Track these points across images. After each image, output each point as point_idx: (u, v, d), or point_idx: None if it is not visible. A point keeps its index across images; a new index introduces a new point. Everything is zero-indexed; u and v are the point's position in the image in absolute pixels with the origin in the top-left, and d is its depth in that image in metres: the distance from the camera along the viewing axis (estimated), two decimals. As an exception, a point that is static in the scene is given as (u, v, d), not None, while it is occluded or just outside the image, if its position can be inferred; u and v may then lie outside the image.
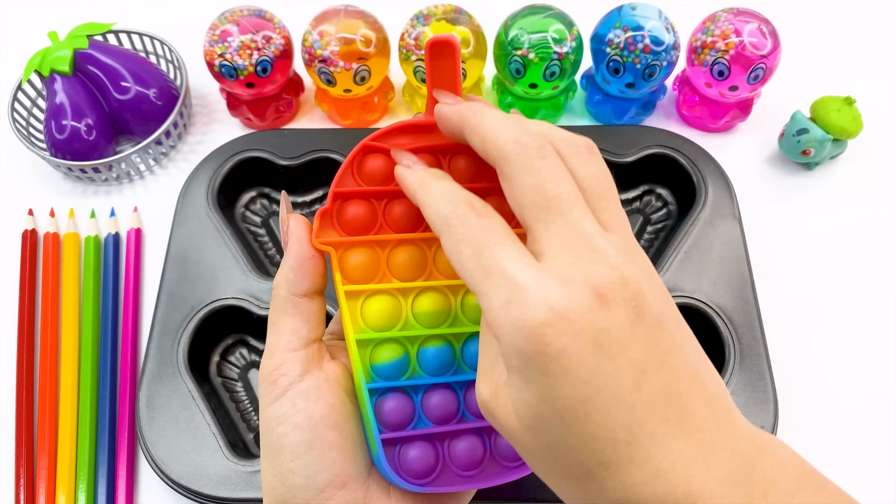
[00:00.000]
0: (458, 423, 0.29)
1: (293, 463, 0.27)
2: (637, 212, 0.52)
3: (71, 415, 0.45)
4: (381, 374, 0.29)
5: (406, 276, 0.29)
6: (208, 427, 0.41)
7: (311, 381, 0.28)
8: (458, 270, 0.23)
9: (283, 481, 0.28)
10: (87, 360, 0.46)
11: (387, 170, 0.29)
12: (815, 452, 0.43)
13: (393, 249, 0.29)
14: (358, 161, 0.29)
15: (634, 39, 0.49)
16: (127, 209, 0.53)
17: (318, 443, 0.27)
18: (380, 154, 0.29)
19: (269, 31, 0.51)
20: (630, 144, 0.50)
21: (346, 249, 0.29)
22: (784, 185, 0.53)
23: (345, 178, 0.29)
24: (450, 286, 0.29)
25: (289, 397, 0.28)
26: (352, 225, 0.29)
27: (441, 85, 0.28)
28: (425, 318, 0.29)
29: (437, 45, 0.28)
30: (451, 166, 0.30)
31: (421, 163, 0.28)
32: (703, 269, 0.45)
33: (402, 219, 0.30)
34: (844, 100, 0.50)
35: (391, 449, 0.29)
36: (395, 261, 0.29)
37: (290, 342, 0.28)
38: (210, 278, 0.46)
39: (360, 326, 0.29)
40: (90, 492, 0.43)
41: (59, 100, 0.52)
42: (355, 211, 0.29)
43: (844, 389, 0.45)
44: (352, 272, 0.29)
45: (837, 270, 0.49)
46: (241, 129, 0.57)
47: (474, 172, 0.30)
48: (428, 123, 0.29)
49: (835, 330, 0.47)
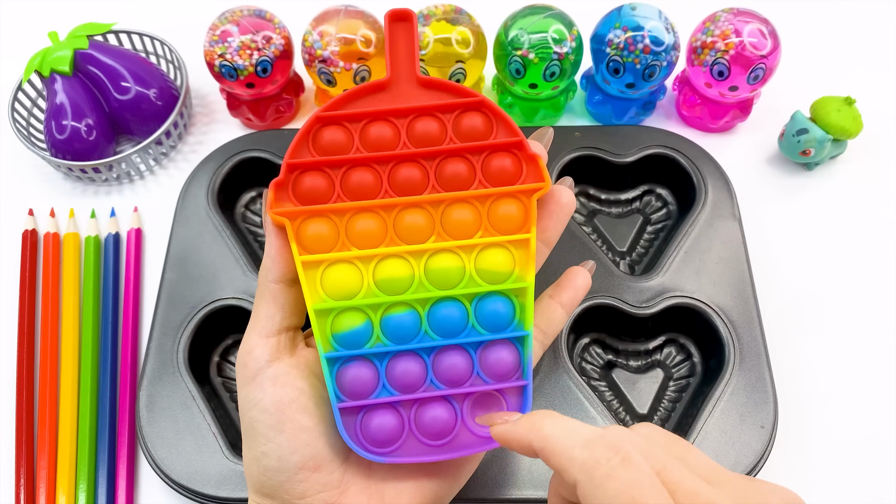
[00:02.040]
0: (426, 391, 0.29)
1: (265, 446, 0.28)
2: (637, 212, 0.52)
3: (71, 415, 0.45)
4: (342, 343, 0.29)
5: (365, 245, 0.29)
6: (208, 427, 0.41)
7: (280, 366, 0.29)
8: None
9: (258, 464, 0.28)
10: (87, 360, 0.46)
11: (344, 139, 0.29)
12: (815, 452, 0.43)
13: (351, 218, 0.29)
14: (313, 133, 0.29)
15: (634, 39, 0.49)
16: (127, 209, 0.53)
17: (287, 426, 0.28)
18: (335, 125, 0.29)
19: (269, 32, 0.51)
20: (630, 144, 0.50)
21: (304, 220, 0.29)
22: (784, 185, 0.53)
23: (299, 149, 0.29)
24: (411, 251, 0.29)
25: (258, 381, 0.28)
26: (307, 195, 0.29)
27: (398, 56, 0.29)
28: (387, 285, 0.29)
29: (394, 14, 0.29)
30: (409, 131, 0.30)
31: (515, 414, 0.27)
32: (703, 269, 0.45)
33: (359, 187, 0.29)
34: (844, 100, 0.50)
35: (352, 417, 0.29)
36: (354, 229, 0.29)
37: (263, 327, 0.29)
38: (210, 278, 0.46)
39: (320, 296, 0.29)
40: (90, 492, 0.43)
41: (59, 100, 0.52)
42: (311, 181, 0.29)
43: (844, 389, 0.45)
44: (309, 242, 0.29)
45: (837, 270, 0.49)
46: (241, 129, 0.57)
47: (434, 136, 0.30)
48: (379, 83, 0.29)
49: (835, 330, 0.47)
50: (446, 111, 0.30)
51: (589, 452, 0.22)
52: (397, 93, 0.30)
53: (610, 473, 0.22)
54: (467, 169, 0.30)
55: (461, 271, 0.29)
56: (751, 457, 0.39)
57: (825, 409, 0.44)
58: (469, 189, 0.30)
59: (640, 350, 0.47)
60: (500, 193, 0.30)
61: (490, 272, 0.30)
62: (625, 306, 0.44)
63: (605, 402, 0.44)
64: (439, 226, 0.30)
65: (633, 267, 0.49)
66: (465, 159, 0.30)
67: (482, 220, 0.30)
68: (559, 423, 0.24)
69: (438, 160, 0.30)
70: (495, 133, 0.30)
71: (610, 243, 0.50)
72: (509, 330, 0.30)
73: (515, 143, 0.30)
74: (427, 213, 0.30)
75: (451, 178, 0.30)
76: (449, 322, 0.29)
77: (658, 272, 0.45)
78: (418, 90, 0.30)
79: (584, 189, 0.52)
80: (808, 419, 0.44)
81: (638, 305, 0.44)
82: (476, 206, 0.30)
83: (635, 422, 0.44)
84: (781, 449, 0.42)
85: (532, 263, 0.30)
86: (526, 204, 0.30)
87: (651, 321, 0.45)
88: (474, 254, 0.30)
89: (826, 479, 0.42)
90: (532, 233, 0.30)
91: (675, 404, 0.44)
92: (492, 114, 0.30)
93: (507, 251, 0.30)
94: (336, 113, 0.29)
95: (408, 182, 0.30)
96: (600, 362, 0.46)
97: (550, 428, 0.24)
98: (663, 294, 0.44)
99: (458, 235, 0.30)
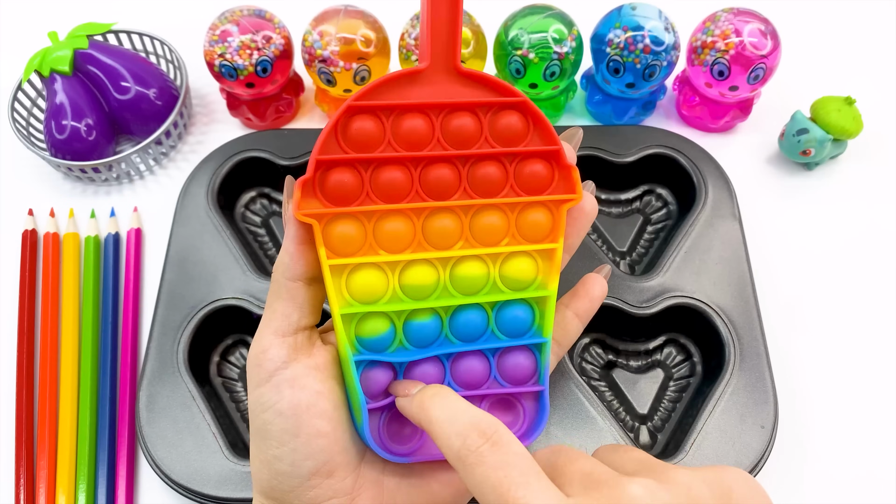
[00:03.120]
0: None
1: (278, 450, 0.27)
2: (637, 212, 0.52)
3: (71, 415, 0.45)
4: (366, 347, 0.28)
5: (393, 248, 0.28)
6: (208, 427, 0.41)
7: (298, 368, 0.28)
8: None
9: (268, 467, 0.27)
10: (87, 360, 0.46)
11: (375, 132, 0.27)
12: (816, 453, 0.43)
13: (379, 220, 0.28)
14: (342, 124, 0.27)
15: (634, 39, 0.49)
16: (127, 209, 0.53)
17: (303, 430, 0.27)
18: (367, 115, 0.27)
19: (269, 31, 0.51)
20: (630, 144, 0.50)
21: (330, 221, 0.27)
22: (784, 185, 0.53)
23: (328, 143, 0.27)
24: (439, 258, 0.28)
25: (274, 383, 0.27)
26: (336, 194, 0.27)
27: (440, 40, 0.27)
28: (413, 291, 0.28)
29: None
30: (443, 127, 0.28)
31: (418, 384, 0.27)
32: (703, 269, 0.45)
33: (390, 187, 0.28)
34: (844, 100, 0.50)
35: (374, 419, 0.29)
36: (382, 232, 0.28)
37: (279, 326, 0.28)
38: (210, 278, 0.46)
39: (346, 300, 0.28)
40: (90, 492, 0.43)
41: (59, 100, 0.52)
42: (340, 179, 0.27)
43: (844, 389, 0.45)
44: (336, 244, 0.27)
45: (837, 270, 0.49)
46: (241, 129, 0.57)
47: (469, 134, 0.28)
48: (415, 72, 0.27)
49: (835, 330, 0.47)
50: (484, 108, 0.28)
51: (462, 440, 0.22)
52: (434, 83, 0.28)
53: (479, 458, 0.22)
54: (500, 173, 0.29)
55: (486, 278, 0.29)
56: (751, 457, 0.39)
57: (825, 409, 0.44)
58: (500, 194, 0.29)
59: (641, 350, 0.47)
60: (530, 202, 0.29)
61: (514, 279, 0.29)
62: (625, 306, 0.44)
63: (606, 403, 0.44)
64: (468, 231, 0.29)
65: (634, 267, 0.49)
66: (499, 163, 0.29)
67: (510, 227, 0.29)
68: (445, 405, 0.24)
69: (472, 162, 0.29)
70: (531, 136, 0.29)
71: (610, 243, 0.50)
72: (528, 336, 0.30)
73: (553, 152, 0.29)
74: (457, 217, 0.29)
75: (483, 182, 0.29)
76: (470, 328, 0.29)
77: (658, 272, 0.45)
78: (456, 82, 0.28)
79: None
80: (808, 419, 0.44)
81: (638, 305, 0.44)
82: (506, 212, 0.29)
83: (636, 422, 0.44)
84: (781, 449, 0.42)
85: (556, 273, 0.29)
86: (555, 213, 0.29)
87: (651, 321, 0.45)
88: (500, 261, 0.29)
89: (826, 479, 0.42)
90: (559, 243, 0.29)
91: (676, 404, 0.44)
92: (531, 116, 0.29)
93: (532, 259, 0.29)
94: (368, 103, 0.27)
95: (439, 183, 0.28)
96: (600, 362, 0.46)
97: (436, 411, 0.24)
98: (663, 294, 0.44)
99: (486, 242, 0.29)
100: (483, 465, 0.22)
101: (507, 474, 0.21)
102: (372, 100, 0.27)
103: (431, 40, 0.27)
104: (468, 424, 0.23)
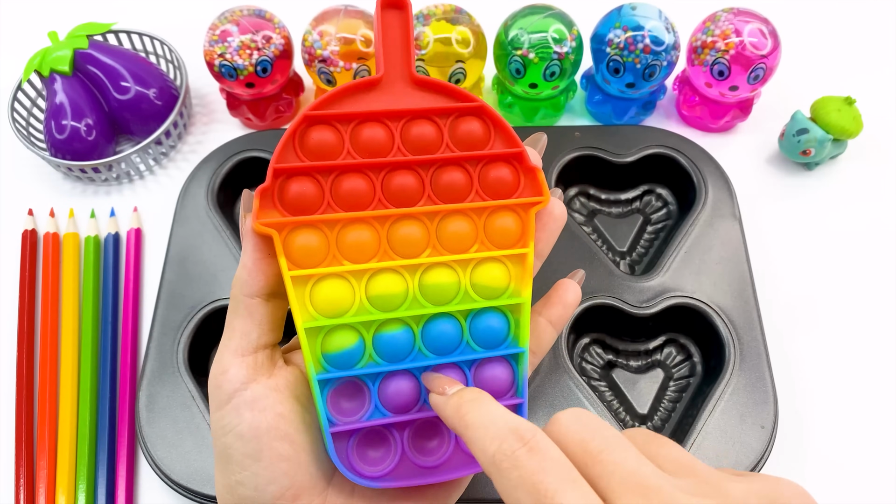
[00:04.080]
0: (419, 412, 0.28)
1: (240, 475, 0.26)
2: (637, 212, 0.52)
3: (71, 415, 0.45)
4: (333, 363, 0.27)
5: (358, 258, 0.27)
6: (208, 427, 0.41)
7: (258, 388, 0.26)
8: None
9: (231, 492, 0.27)
10: (87, 360, 0.46)
11: (334, 141, 0.27)
12: (816, 453, 0.43)
13: (342, 229, 0.27)
14: (300, 134, 0.27)
15: (634, 39, 0.49)
16: (127, 209, 0.53)
17: (265, 454, 0.26)
18: (324, 125, 0.27)
19: (269, 31, 0.51)
20: (630, 144, 0.50)
21: (291, 231, 0.27)
22: (784, 185, 0.53)
23: (286, 152, 0.27)
24: (406, 266, 0.28)
25: (233, 405, 0.26)
26: (295, 204, 0.27)
27: (392, 50, 0.27)
28: (381, 302, 0.27)
29: (386, 0, 0.27)
30: (403, 135, 0.28)
31: (457, 384, 0.26)
32: (703, 269, 0.45)
33: (352, 195, 0.27)
34: (844, 100, 0.50)
35: (343, 442, 0.27)
36: (345, 241, 0.27)
37: (238, 345, 0.27)
38: (210, 278, 0.46)
39: (310, 313, 0.27)
40: (90, 492, 0.43)
41: (59, 100, 0.52)
42: (299, 188, 0.27)
43: (845, 389, 0.45)
44: (298, 255, 0.27)
45: (838, 270, 0.49)
46: (241, 129, 0.57)
47: (430, 141, 0.28)
48: (371, 81, 0.27)
49: (835, 330, 0.47)
50: (443, 115, 0.28)
51: (498, 444, 0.21)
52: (390, 92, 0.28)
53: (514, 463, 0.21)
54: (464, 179, 0.28)
55: (456, 286, 0.28)
56: (751, 457, 0.39)
57: (825, 409, 0.44)
58: (466, 199, 0.28)
59: (641, 350, 0.47)
60: (497, 206, 0.29)
61: (485, 287, 0.28)
62: (625, 306, 0.44)
63: (606, 403, 0.44)
64: (435, 238, 0.28)
65: (634, 267, 0.49)
66: (462, 168, 0.28)
67: (478, 233, 0.29)
68: (483, 410, 0.23)
69: (434, 168, 0.28)
70: (493, 141, 0.29)
71: (610, 243, 0.50)
72: (504, 346, 0.29)
73: (515, 154, 0.29)
74: (423, 224, 0.28)
75: (448, 188, 0.28)
76: (443, 339, 0.28)
77: (658, 272, 0.45)
78: (413, 90, 0.28)
79: (584, 189, 0.52)
80: (808, 419, 0.44)
81: (638, 305, 0.44)
82: (473, 218, 0.28)
83: (636, 422, 0.44)
84: (781, 449, 0.42)
85: (529, 279, 0.29)
86: (524, 217, 0.29)
87: (651, 321, 0.45)
88: (469, 268, 0.28)
89: (826, 478, 0.42)
90: (530, 247, 0.29)
91: (676, 404, 0.44)
92: (490, 121, 0.29)
93: (503, 266, 0.29)
94: (325, 112, 0.27)
95: (403, 190, 0.28)
96: (600, 362, 0.46)
97: (472, 416, 0.23)
98: (663, 294, 0.44)
99: (454, 249, 0.28)
100: (519, 469, 0.21)
101: (544, 479, 0.20)
102: (329, 109, 0.27)
103: (385, 49, 0.27)
104: (506, 429, 0.22)
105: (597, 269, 0.45)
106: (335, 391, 0.28)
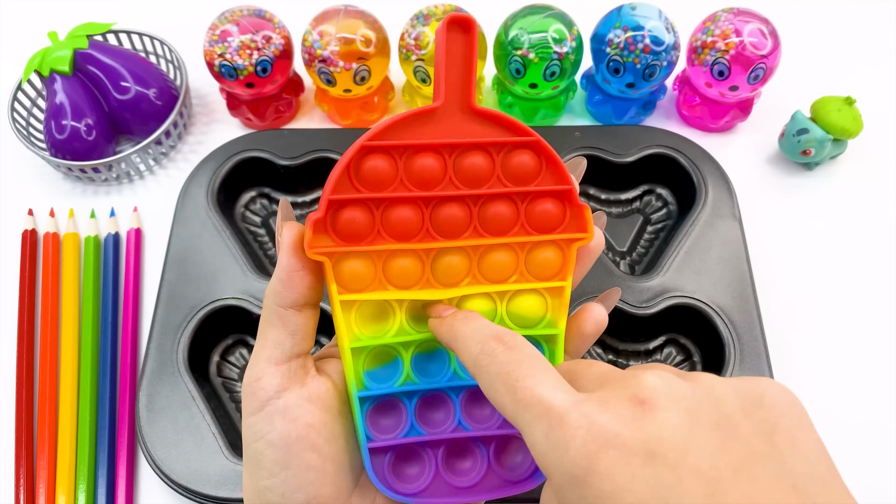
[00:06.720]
0: (454, 432, 0.29)
1: (269, 481, 0.27)
2: (637, 212, 0.52)
3: (71, 415, 0.45)
4: (373, 381, 0.28)
5: (402, 283, 0.28)
6: (208, 427, 0.41)
7: (291, 398, 0.27)
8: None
9: (259, 496, 0.27)
10: (87, 360, 0.46)
11: (388, 171, 0.27)
12: (815, 452, 0.43)
13: (389, 258, 0.28)
14: (355, 164, 0.27)
15: (634, 39, 0.49)
16: (127, 209, 0.53)
17: (294, 462, 0.27)
18: (380, 154, 0.27)
19: (269, 31, 0.51)
20: (630, 144, 0.50)
21: (341, 258, 0.28)
22: (784, 185, 0.53)
23: (341, 183, 0.27)
24: (446, 295, 0.29)
25: (266, 413, 0.27)
26: (347, 232, 0.27)
27: (454, 78, 0.27)
28: (420, 325, 0.29)
29: (454, 21, 0.26)
30: (456, 166, 0.28)
31: (452, 308, 0.28)
32: (703, 269, 0.45)
33: (401, 225, 0.28)
34: (844, 100, 0.50)
35: (381, 457, 0.28)
36: (392, 269, 0.28)
37: (272, 354, 0.27)
38: (210, 278, 0.46)
39: (354, 334, 0.28)
40: (90, 492, 0.43)
41: (58, 100, 0.52)
42: (351, 218, 0.27)
43: (844, 389, 0.45)
44: (346, 280, 0.28)
45: (837, 270, 0.49)
46: (241, 129, 0.57)
47: (482, 173, 0.28)
48: (429, 110, 0.27)
49: (835, 329, 0.47)
50: (498, 147, 0.28)
51: (481, 347, 0.24)
52: (448, 121, 0.28)
53: (493, 359, 0.23)
54: (511, 212, 0.29)
55: (493, 314, 0.29)
56: (751, 457, 0.39)
57: (825, 409, 0.44)
58: (510, 232, 0.29)
59: (641, 350, 0.47)
60: (541, 241, 0.29)
61: (522, 317, 0.29)
62: (625, 306, 0.44)
63: (606, 402, 0.44)
64: (475, 268, 0.29)
65: (634, 267, 0.49)
66: (510, 201, 0.29)
67: (519, 265, 0.29)
68: (470, 324, 0.25)
69: (483, 201, 0.28)
70: (543, 174, 0.29)
71: (610, 243, 0.50)
72: None
73: (565, 191, 0.29)
74: (466, 255, 0.29)
75: (494, 221, 0.28)
76: None
77: (658, 272, 0.45)
78: (471, 120, 0.28)
79: (584, 189, 0.52)
80: (809, 419, 0.44)
81: (638, 305, 0.44)
82: (515, 250, 0.29)
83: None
84: (781, 449, 0.42)
85: (565, 311, 0.29)
86: (565, 251, 0.29)
87: (651, 321, 0.45)
88: (507, 298, 0.29)
89: (826, 479, 0.42)
90: (568, 281, 0.29)
91: (676, 404, 0.44)
92: (544, 156, 0.28)
93: (540, 297, 0.29)
94: (381, 143, 0.27)
95: (450, 222, 0.28)
96: (600, 362, 0.46)
97: (461, 329, 0.25)
98: (663, 294, 0.44)
99: (494, 279, 0.29)
100: (497, 363, 0.23)
101: (517, 368, 0.22)
102: (385, 139, 0.27)
103: (446, 78, 0.27)
104: (489, 334, 0.24)
105: (597, 270, 0.45)
106: (374, 409, 0.28)
